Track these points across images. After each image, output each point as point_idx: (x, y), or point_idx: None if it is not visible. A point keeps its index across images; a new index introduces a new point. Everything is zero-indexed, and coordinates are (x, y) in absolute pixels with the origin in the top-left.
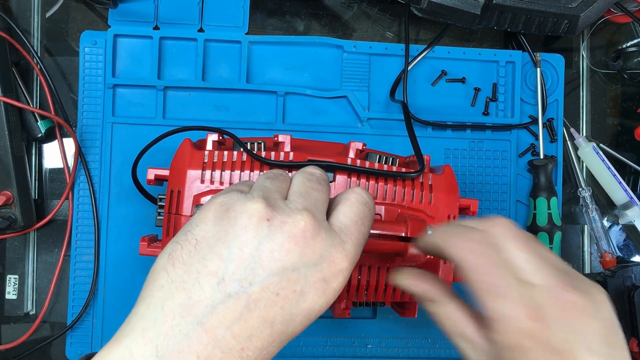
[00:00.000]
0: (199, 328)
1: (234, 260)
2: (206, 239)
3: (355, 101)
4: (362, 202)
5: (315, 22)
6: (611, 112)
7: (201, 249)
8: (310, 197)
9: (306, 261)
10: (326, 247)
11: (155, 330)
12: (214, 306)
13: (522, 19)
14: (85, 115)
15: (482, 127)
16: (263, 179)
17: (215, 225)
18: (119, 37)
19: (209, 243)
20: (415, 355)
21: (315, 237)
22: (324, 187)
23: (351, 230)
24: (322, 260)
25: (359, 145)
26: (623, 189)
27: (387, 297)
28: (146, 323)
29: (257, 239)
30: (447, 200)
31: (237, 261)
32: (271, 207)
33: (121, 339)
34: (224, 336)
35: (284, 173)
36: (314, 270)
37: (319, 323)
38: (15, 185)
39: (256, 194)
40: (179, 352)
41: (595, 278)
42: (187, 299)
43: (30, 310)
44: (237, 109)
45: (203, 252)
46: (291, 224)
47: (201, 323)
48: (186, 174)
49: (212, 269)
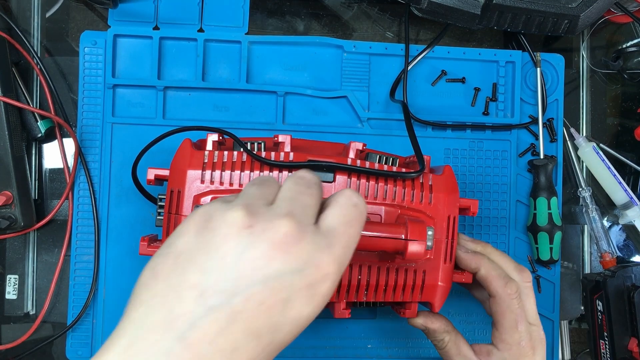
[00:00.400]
0: (181, 344)
1: (215, 271)
2: (187, 251)
3: (355, 101)
4: (351, 204)
5: (315, 22)
6: (611, 112)
7: (182, 262)
8: (297, 201)
9: (290, 267)
10: (311, 252)
11: (136, 347)
12: (195, 320)
13: (522, 19)
14: (85, 115)
15: (482, 127)
16: (249, 185)
17: (196, 237)
18: (119, 37)
19: (191, 255)
20: (415, 355)
21: (298, 242)
22: (314, 191)
23: (339, 233)
24: (308, 265)
25: (359, 145)
26: (623, 189)
27: (387, 297)
28: (128, 339)
29: (239, 248)
30: (447, 200)
31: (219, 272)
32: (252, 214)
33: (103, 356)
34: (208, 351)
35: (272, 178)
36: (299, 277)
37: (319, 324)
38: (15, 185)
39: (238, 201)
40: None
41: (595, 278)
42: (168, 314)
43: (30, 310)
44: (237, 109)
45: (184, 264)
46: (272, 230)
47: (183, 338)
48: (186, 174)
49: (193, 281)
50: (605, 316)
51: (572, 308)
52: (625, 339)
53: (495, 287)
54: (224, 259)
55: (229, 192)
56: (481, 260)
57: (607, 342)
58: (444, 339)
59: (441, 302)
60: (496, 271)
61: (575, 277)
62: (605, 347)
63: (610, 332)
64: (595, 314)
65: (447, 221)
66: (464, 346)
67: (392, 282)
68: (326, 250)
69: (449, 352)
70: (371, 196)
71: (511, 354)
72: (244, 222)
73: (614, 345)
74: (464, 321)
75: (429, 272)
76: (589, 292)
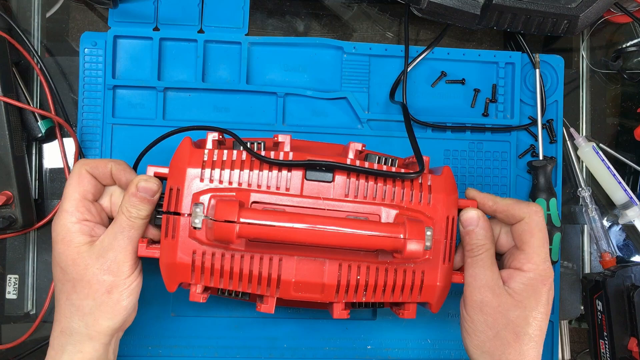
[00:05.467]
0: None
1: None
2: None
3: (355, 102)
4: None
5: (315, 22)
6: (611, 112)
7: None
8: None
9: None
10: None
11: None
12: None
13: (522, 19)
14: (85, 116)
15: (482, 128)
16: None
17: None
18: (119, 38)
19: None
20: (415, 356)
21: None
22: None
23: None
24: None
25: (358, 146)
26: (623, 188)
27: (386, 298)
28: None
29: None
30: (446, 201)
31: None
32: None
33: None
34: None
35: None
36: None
37: (318, 324)
38: (16, 185)
39: None
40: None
41: (595, 278)
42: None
43: (31, 310)
44: (237, 110)
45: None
46: None
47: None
48: (186, 172)
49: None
50: (605, 316)
51: (572, 308)
52: (625, 339)
53: (521, 209)
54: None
55: (228, 190)
56: (495, 199)
57: (606, 341)
58: (485, 245)
59: (440, 303)
60: (514, 199)
61: (575, 277)
62: (605, 347)
63: (610, 331)
64: (595, 313)
65: (446, 222)
66: (495, 266)
67: (390, 282)
68: None
69: (481, 261)
70: (370, 196)
71: (537, 272)
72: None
73: (614, 345)
74: None
75: (427, 272)
76: (589, 292)
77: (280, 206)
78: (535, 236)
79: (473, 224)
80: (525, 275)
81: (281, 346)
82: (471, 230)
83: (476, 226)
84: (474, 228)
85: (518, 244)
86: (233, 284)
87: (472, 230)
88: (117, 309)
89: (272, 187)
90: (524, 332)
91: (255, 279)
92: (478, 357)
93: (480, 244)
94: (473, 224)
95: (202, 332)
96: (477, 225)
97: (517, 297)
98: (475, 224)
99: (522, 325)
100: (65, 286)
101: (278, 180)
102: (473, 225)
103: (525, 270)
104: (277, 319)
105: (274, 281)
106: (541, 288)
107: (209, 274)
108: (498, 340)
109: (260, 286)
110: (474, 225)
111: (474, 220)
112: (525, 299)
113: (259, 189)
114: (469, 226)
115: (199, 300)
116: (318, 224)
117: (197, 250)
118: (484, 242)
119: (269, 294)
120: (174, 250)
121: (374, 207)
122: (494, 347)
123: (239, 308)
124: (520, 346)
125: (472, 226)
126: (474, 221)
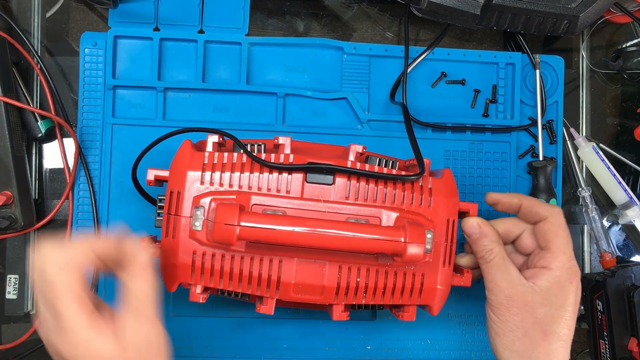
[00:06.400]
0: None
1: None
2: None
3: (355, 103)
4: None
5: (315, 23)
6: (611, 112)
7: None
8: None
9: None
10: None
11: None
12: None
13: (522, 19)
14: (85, 116)
15: (482, 128)
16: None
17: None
18: (119, 38)
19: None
20: (415, 356)
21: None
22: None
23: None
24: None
25: (359, 148)
26: (623, 189)
27: (386, 300)
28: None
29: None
30: (447, 203)
31: None
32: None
33: None
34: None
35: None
36: None
37: (318, 325)
38: (16, 185)
39: None
40: None
41: (595, 278)
42: None
43: (31, 310)
44: (237, 110)
45: None
46: None
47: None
48: (186, 175)
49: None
50: (605, 316)
51: None
52: (625, 339)
53: (545, 209)
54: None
55: (229, 193)
56: (520, 195)
57: (607, 342)
58: (494, 249)
59: (440, 305)
60: (537, 200)
61: None
62: (605, 347)
63: (610, 331)
64: (595, 313)
65: (447, 224)
66: (511, 264)
67: (390, 284)
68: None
69: (495, 266)
70: (371, 199)
71: (564, 270)
72: None
73: (614, 345)
74: (464, 323)
75: (427, 275)
76: (589, 292)
77: (280, 209)
78: (560, 235)
79: (476, 231)
80: (552, 274)
81: (281, 346)
82: (476, 238)
83: (479, 233)
84: (478, 235)
85: (542, 243)
86: (233, 285)
87: (477, 237)
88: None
89: (273, 190)
90: (551, 330)
91: (255, 280)
92: (508, 357)
93: (489, 249)
94: (476, 232)
95: (202, 332)
96: (479, 232)
97: (543, 295)
98: (477, 231)
99: (550, 324)
100: None
101: (278, 182)
102: (476, 233)
103: (552, 269)
104: (277, 320)
105: (274, 283)
106: (568, 286)
107: (208, 274)
108: (527, 339)
109: (260, 287)
110: (477, 232)
111: (476, 228)
112: (552, 296)
113: (259, 191)
114: (473, 234)
115: (199, 300)
116: (318, 227)
117: (197, 251)
118: (491, 246)
119: (268, 296)
120: (174, 251)
121: (374, 209)
122: (523, 346)
123: (239, 308)
124: (549, 345)
125: (475, 234)
126: (475, 229)
